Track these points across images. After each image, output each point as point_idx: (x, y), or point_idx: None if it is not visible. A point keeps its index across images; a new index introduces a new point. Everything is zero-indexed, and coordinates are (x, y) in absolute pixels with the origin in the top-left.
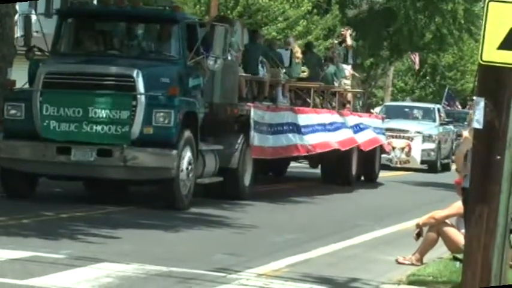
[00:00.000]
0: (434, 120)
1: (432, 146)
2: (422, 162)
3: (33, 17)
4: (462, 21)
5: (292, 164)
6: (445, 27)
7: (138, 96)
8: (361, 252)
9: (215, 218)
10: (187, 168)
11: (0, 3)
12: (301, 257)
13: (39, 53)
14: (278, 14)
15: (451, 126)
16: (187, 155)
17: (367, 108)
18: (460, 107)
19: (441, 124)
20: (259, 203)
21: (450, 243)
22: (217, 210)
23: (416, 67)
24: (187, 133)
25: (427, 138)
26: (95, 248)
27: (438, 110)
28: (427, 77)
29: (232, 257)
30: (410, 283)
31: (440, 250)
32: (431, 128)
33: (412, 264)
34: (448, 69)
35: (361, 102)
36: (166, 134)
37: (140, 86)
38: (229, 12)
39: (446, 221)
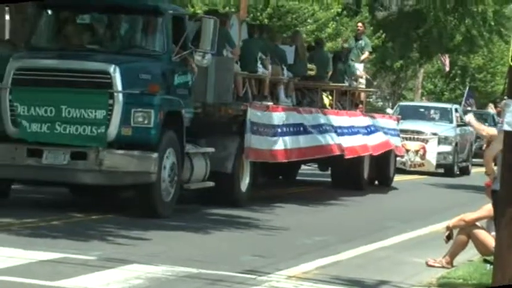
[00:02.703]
0: (451, 121)
1: (449, 148)
2: (438, 165)
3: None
4: (492, 23)
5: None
6: (475, 29)
7: (115, 94)
8: (391, 254)
9: (244, 219)
10: (170, 173)
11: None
12: (331, 259)
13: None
14: (308, 16)
15: (470, 128)
16: (171, 158)
17: None
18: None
19: (459, 125)
20: (288, 205)
21: (480, 245)
22: (246, 212)
23: (447, 69)
24: (170, 134)
25: (443, 140)
26: (124, 250)
27: (456, 110)
28: (457, 79)
29: (262, 259)
30: (440, 286)
31: (471, 252)
32: (448, 129)
33: (442, 266)
34: (477, 71)
35: (390, 104)
36: (145, 135)
37: (118, 83)
38: (258, 14)
39: (477, 223)
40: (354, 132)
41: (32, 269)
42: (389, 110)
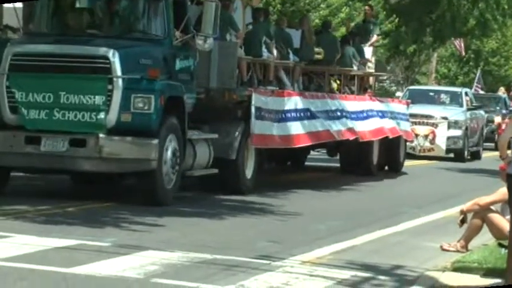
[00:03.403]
0: (461, 105)
1: (459, 133)
2: (448, 150)
3: None
4: (506, 7)
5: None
6: (489, 13)
7: (115, 79)
8: (406, 239)
9: (258, 205)
10: (171, 160)
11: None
12: (345, 244)
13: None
14: (321, 1)
15: (481, 111)
16: (172, 144)
17: None
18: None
19: (469, 109)
20: (301, 190)
21: (495, 229)
22: (260, 197)
23: (463, 53)
24: (171, 120)
25: (453, 124)
26: (139, 236)
27: (466, 93)
28: (471, 63)
29: (276, 245)
30: (455, 270)
31: (485, 237)
32: (458, 113)
33: (457, 251)
34: (491, 55)
35: (403, 89)
36: (146, 121)
37: (117, 68)
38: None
39: (491, 207)
40: (363, 117)
41: (48, 256)
42: (398, 94)
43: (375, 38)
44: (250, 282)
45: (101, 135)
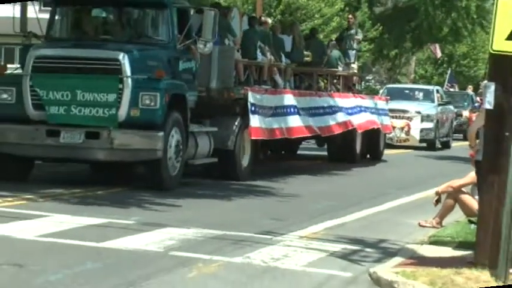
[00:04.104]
0: (433, 101)
1: (431, 125)
2: (422, 140)
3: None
4: (475, 16)
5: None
6: (460, 22)
7: (125, 79)
8: (389, 216)
9: (262, 188)
10: (175, 150)
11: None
12: (337, 221)
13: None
14: (315, 11)
15: (450, 106)
16: (176, 136)
17: None
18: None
19: (440, 104)
20: (298, 176)
21: (466, 208)
22: (265, 181)
23: (438, 56)
24: (175, 115)
25: (425, 118)
26: (159, 215)
27: (437, 91)
28: (444, 65)
29: (277, 222)
30: (431, 243)
31: (457, 214)
32: (429, 108)
33: (433, 226)
34: (462, 58)
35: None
36: (152, 115)
37: (127, 69)
38: (272, 10)
39: (462, 189)
40: (340, 111)
41: (81, 232)
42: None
43: (360, 37)
44: (255, 255)
45: (112, 128)
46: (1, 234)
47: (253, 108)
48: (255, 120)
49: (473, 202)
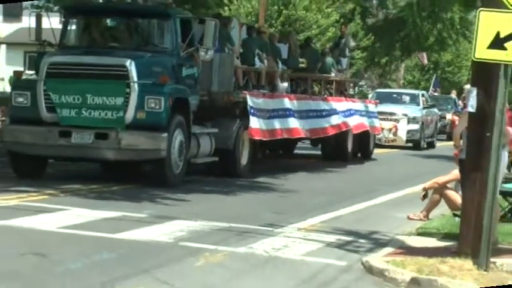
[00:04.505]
0: (418, 104)
1: (416, 127)
2: (408, 141)
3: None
4: (458, 27)
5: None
6: (445, 32)
7: (131, 84)
8: (380, 210)
9: (264, 184)
10: (178, 150)
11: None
12: (333, 214)
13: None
14: (312, 22)
15: (435, 109)
16: (179, 137)
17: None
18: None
19: (425, 108)
20: (296, 173)
21: (450, 203)
22: (266, 178)
23: (425, 62)
24: (178, 117)
25: (411, 120)
26: (170, 209)
27: (422, 95)
28: (431, 71)
29: (278, 215)
30: (419, 234)
31: (443, 208)
32: (415, 111)
33: (420, 219)
34: (447, 65)
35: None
36: (157, 118)
37: (133, 74)
38: (273, 21)
39: (447, 185)
40: (334, 114)
41: (97, 225)
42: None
43: (352, 44)
44: (258, 245)
45: (120, 129)
46: (26, 226)
47: (252, 111)
48: (254, 122)
49: (457, 197)
